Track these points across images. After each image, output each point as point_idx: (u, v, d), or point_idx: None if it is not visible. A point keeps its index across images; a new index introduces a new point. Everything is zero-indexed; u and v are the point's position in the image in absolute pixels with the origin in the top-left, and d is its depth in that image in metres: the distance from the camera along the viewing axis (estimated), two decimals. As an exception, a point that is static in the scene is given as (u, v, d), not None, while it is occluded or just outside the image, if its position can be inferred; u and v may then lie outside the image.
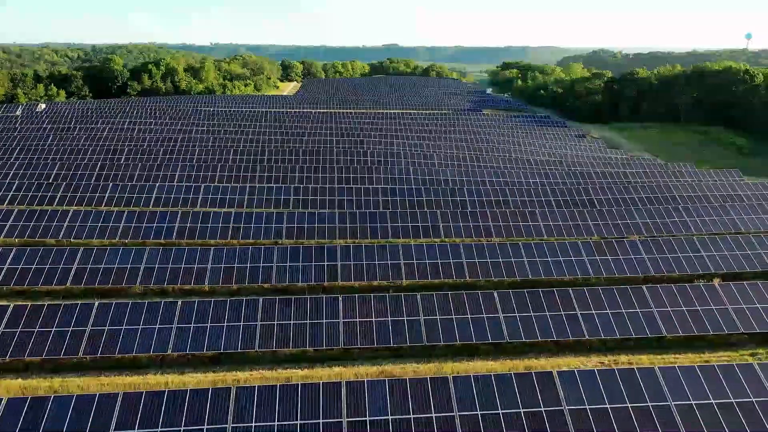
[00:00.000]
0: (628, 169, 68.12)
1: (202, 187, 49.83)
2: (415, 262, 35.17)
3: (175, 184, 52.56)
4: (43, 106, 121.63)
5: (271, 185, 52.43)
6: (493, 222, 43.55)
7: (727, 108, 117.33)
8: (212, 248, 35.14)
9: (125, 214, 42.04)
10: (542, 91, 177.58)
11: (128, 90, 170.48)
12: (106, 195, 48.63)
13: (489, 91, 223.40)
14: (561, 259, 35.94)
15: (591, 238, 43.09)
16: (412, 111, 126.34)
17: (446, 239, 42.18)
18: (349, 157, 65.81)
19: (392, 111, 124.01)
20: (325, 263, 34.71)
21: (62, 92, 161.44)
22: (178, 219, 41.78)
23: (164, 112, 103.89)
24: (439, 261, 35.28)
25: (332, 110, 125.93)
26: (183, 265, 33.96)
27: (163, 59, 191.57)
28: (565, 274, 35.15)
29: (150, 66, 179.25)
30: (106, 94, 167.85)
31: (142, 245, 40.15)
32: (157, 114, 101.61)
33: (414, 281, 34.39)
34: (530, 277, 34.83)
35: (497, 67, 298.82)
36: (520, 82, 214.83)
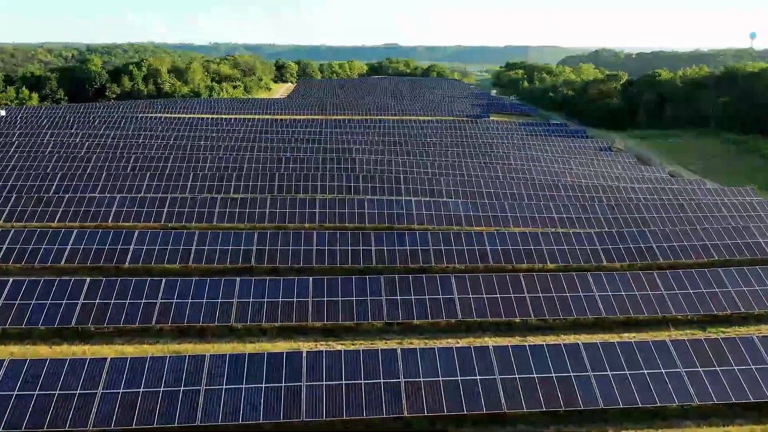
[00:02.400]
0: (681, 196, 55.84)
1: (135, 236, 37.36)
2: (422, 380, 22.78)
3: (102, 224, 40.17)
4: (2, 113, 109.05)
5: (230, 228, 40.10)
6: (529, 292, 31.16)
7: (765, 114, 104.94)
8: (108, 360, 22.72)
9: None
10: (551, 94, 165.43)
11: (107, 93, 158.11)
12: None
13: (493, 92, 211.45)
14: (645, 371, 23.50)
15: (666, 316, 30.81)
16: (412, 117, 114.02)
17: (466, 320, 29.85)
18: (337, 184, 53.43)
19: (391, 118, 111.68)
20: (283, 385, 22.35)
21: (35, 96, 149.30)
22: (83, 293, 29.31)
23: (131, 121, 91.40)
24: (459, 379, 22.87)
25: (324, 116, 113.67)
26: (58, 391, 21.59)
27: (145, 59, 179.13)
28: (656, 399, 22.71)
29: (131, 67, 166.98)
30: (83, 97, 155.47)
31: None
32: (122, 123, 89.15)
33: (421, 414, 22.04)
34: (601, 405, 22.43)
35: (501, 67, 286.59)
36: (526, 83, 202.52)
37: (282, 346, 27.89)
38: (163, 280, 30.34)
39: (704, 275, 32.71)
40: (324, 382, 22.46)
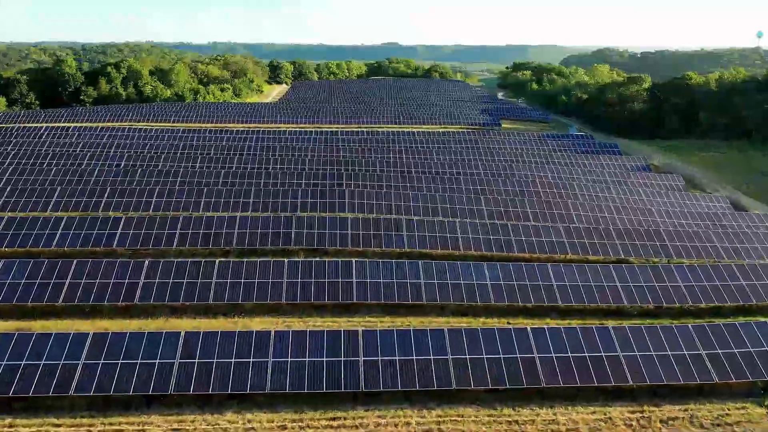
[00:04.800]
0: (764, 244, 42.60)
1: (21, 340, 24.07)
2: None
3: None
4: None
5: (147, 315, 26.81)
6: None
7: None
8: None
9: None
10: (563, 97, 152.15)
11: (82, 97, 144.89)
12: None
13: (500, 95, 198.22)
14: None
15: None
16: (415, 127, 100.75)
17: None
18: (318, 231, 40.02)
19: (391, 128, 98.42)
20: None
21: (2, 100, 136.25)
22: None
23: (85, 134, 77.98)
24: None
25: (315, 126, 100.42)
26: None
27: (125, 60, 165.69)
28: None
29: (109, 68, 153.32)
30: (57, 101, 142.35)
31: None
32: (74, 137, 75.78)
33: None
34: None
35: (507, 68, 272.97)
36: (534, 85, 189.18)
37: None
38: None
39: None
40: None
